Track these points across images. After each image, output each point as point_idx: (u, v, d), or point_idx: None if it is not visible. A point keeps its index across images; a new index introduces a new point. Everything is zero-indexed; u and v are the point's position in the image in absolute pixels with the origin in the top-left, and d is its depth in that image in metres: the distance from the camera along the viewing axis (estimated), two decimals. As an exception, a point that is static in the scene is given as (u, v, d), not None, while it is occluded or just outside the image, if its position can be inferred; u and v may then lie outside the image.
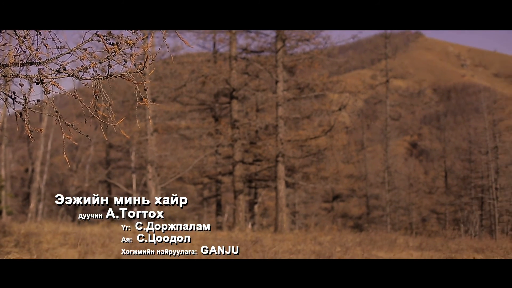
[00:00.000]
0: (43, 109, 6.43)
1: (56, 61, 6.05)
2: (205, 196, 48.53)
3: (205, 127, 35.92)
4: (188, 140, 37.97)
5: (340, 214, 57.26)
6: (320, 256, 14.25)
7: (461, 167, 53.43)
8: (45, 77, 5.97)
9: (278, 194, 33.98)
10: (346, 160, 47.97)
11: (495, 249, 19.99)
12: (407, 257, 16.66)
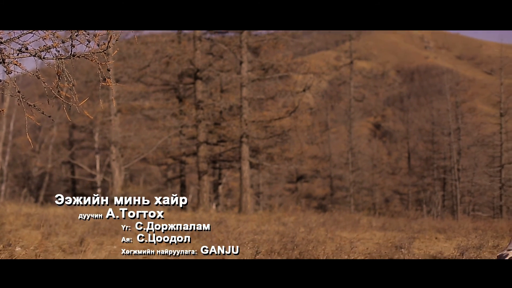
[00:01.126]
0: (5, 89, 6.35)
1: (18, 40, 5.98)
2: (169, 177, 48.41)
3: (169, 107, 35.76)
4: (152, 121, 37.80)
5: (304, 195, 57.46)
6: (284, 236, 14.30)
7: (424, 148, 53.90)
8: (6, 56, 5.90)
9: (242, 175, 34.00)
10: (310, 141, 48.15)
11: (457, 229, 20.22)
12: (370, 237, 16.78)
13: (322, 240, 14.04)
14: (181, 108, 35.02)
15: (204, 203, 34.24)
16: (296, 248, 11.87)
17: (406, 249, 12.38)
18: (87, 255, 10.60)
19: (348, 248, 12.38)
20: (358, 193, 53.11)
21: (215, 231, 14.54)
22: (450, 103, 49.77)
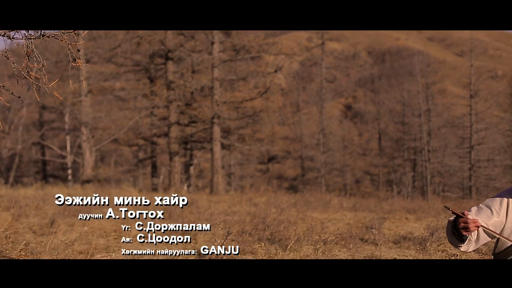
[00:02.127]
0: (-27, 70, 6.29)
1: (-13, 20, 5.91)
2: (140, 157, 48.27)
3: (140, 88, 35.57)
4: (123, 102, 37.60)
5: (276, 176, 57.58)
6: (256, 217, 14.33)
7: (395, 130, 54.23)
8: (-25, 36, 5.83)
9: (214, 156, 34.00)
10: (281, 122, 48.19)
11: (427, 210, 20.38)
12: (341, 217, 16.86)
13: (293, 220, 14.09)
14: (152, 88, 34.85)
15: (176, 184, 34.20)
16: (267, 229, 11.91)
17: (376, 230, 12.46)
18: (58, 236, 10.56)
19: (319, 228, 12.43)
20: (329, 174, 53.31)
21: (187, 212, 14.53)
22: (421, 85, 50.07)
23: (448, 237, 4.77)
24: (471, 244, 4.67)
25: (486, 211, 4.74)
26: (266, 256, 9.68)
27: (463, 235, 4.48)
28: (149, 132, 39.62)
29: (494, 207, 4.76)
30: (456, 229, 4.46)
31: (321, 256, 9.93)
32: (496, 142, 49.74)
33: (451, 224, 4.60)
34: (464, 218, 4.33)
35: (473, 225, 4.33)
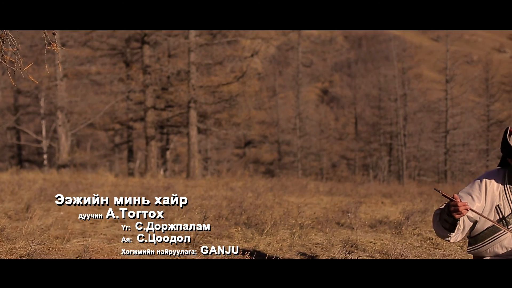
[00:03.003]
0: None
1: (-40, 3, 5.84)
2: (116, 142, 48.09)
3: (116, 72, 35.38)
4: (98, 86, 37.42)
5: (252, 160, 57.56)
6: (232, 201, 14.33)
7: (371, 114, 54.35)
8: None
9: (190, 140, 33.94)
10: (258, 106, 48.12)
11: (403, 194, 20.50)
12: (318, 201, 16.91)
13: (270, 205, 14.11)
14: (128, 73, 34.68)
15: (152, 169, 34.14)
16: (244, 213, 11.92)
17: (352, 214, 12.52)
18: (33, 222, 10.51)
19: (296, 212, 12.46)
20: (305, 158, 53.39)
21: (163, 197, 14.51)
22: (397, 69, 50.22)
23: (436, 228, 4.81)
24: (459, 234, 4.73)
25: (467, 198, 4.79)
26: (242, 240, 9.70)
27: (455, 219, 4.52)
28: (125, 117, 39.46)
29: (474, 193, 4.81)
30: (449, 214, 4.50)
31: (297, 240, 9.96)
32: (471, 126, 50.10)
33: (444, 211, 4.64)
34: (454, 201, 4.37)
35: (463, 208, 4.38)
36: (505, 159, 4.87)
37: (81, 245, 8.29)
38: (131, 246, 9.08)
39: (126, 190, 16.12)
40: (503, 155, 4.87)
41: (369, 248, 9.53)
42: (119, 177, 26.72)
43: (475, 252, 4.86)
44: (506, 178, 4.80)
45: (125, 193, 15.23)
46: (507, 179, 4.80)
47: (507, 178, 4.80)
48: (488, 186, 4.78)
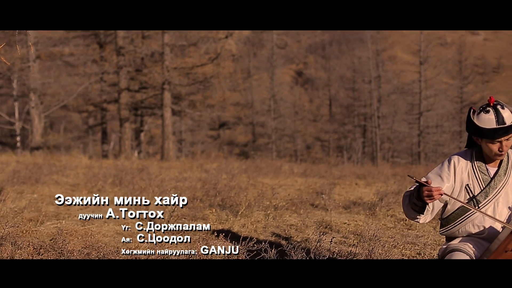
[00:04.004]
0: None
1: None
2: (90, 124, 47.87)
3: (89, 53, 35.12)
4: (72, 67, 37.13)
5: (227, 142, 57.56)
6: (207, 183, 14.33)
7: (345, 96, 54.48)
8: None
9: (164, 122, 33.86)
10: (232, 88, 48.03)
11: (376, 175, 20.60)
12: (292, 183, 16.95)
13: (244, 186, 14.12)
14: (102, 54, 34.44)
15: (126, 151, 34.02)
16: (218, 195, 11.92)
17: (326, 195, 12.56)
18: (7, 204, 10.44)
19: (270, 194, 12.49)
20: (280, 140, 53.46)
21: (137, 179, 14.48)
22: (371, 51, 50.33)
23: (406, 210, 4.85)
24: (428, 215, 4.78)
25: (436, 178, 4.83)
26: (217, 222, 9.70)
27: (426, 204, 4.56)
28: (99, 98, 39.25)
29: (443, 173, 4.86)
30: (419, 199, 4.53)
31: (272, 221, 9.99)
32: (445, 108, 50.40)
33: (413, 195, 4.67)
34: (428, 186, 4.40)
35: (437, 193, 4.41)
36: (471, 138, 4.93)
37: (55, 227, 8.26)
38: (106, 227, 9.07)
39: (100, 172, 16.05)
40: (469, 135, 4.94)
41: (343, 229, 9.58)
42: (93, 159, 26.60)
43: (448, 233, 4.91)
44: (474, 157, 4.87)
45: (99, 176, 15.17)
46: (474, 158, 4.87)
47: (475, 158, 4.87)
48: (456, 166, 4.84)
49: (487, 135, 4.64)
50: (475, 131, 4.74)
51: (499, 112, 4.66)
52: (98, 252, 6.43)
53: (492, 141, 4.66)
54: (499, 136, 4.62)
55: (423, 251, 8.21)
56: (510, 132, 4.65)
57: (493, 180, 4.80)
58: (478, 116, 4.72)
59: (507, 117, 4.64)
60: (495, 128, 4.61)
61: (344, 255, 7.62)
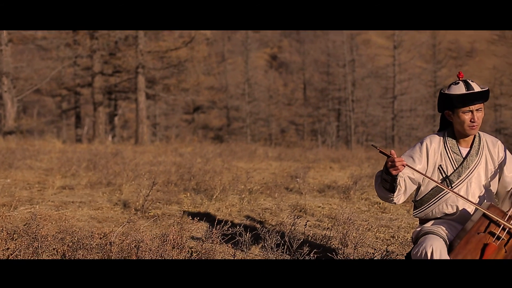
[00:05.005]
0: None
1: None
2: (63, 108, 47.59)
3: (62, 37, 34.80)
4: (45, 51, 36.85)
5: (201, 126, 57.51)
6: (181, 167, 14.32)
7: (320, 80, 54.55)
8: None
9: (139, 106, 33.73)
10: (206, 71, 47.93)
11: (351, 159, 20.67)
12: (266, 167, 16.97)
13: (219, 170, 14.13)
14: (75, 38, 34.17)
15: (100, 135, 33.87)
16: (193, 179, 11.92)
17: (301, 179, 12.59)
18: (-21, 189, 10.38)
19: (245, 178, 12.49)
20: (254, 124, 53.52)
21: (111, 163, 14.43)
22: (345, 35, 50.38)
23: (377, 190, 4.87)
24: (401, 195, 4.81)
25: (408, 160, 4.87)
26: (191, 206, 9.70)
27: (394, 177, 4.57)
28: (72, 82, 39.03)
29: (415, 155, 4.90)
30: (386, 172, 4.54)
31: (246, 205, 10.00)
32: (419, 92, 50.71)
33: (382, 173, 4.69)
34: (391, 157, 4.43)
35: (400, 163, 4.43)
36: (444, 120, 4.98)
37: (29, 212, 8.22)
38: (80, 212, 9.04)
39: (74, 157, 15.98)
40: (442, 115, 4.99)
41: (318, 213, 9.61)
42: (67, 144, 26.48)
43: (421, 214, 4.94)
44: (446, 138, 4.91)
45: (73, 160, 15.10)
46: (447, 139, 4.91)
47: (447, 138, 4.91)
48: (429, 148, 4.89)
49: (458, 101, 4.69)
50: (446, 102, 4.78)
51: (468, 83, 4.75)
52: (72, 237, 6.39)
53: (463, 110, 4.70)
54: (470, 102, 4.68)
55: (396, 234, 8.26)
56: (480, 100, 4.72)
57: (466, 160, 4.85)
58: (449, 89, 4.80)
59: (476, 87, 4.72)
60: (465, 93, 4.68)
61: (318, 239, 7.65)
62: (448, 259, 4.38)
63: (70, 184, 11.62)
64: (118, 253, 5.87)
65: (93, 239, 6.34)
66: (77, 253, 6.14)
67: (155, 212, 9.19)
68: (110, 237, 6.47)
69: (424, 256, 4.39)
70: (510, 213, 4.50)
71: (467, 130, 4.79)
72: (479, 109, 4.73)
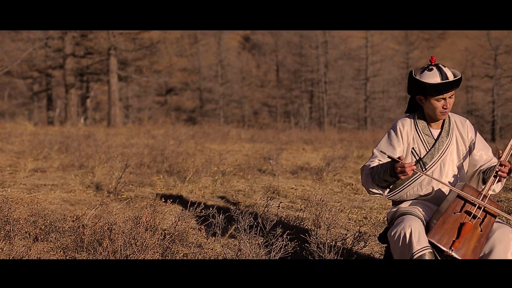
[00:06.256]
0: None
1: None
2: (35, 90, 47.16)
3: (33, 19, 34.49)
4: (15, 32, 36.48)
5: (174, 108, 57.28)
6: (154, 149, 14.28)
7: (292, 61, 54.44)
8: None
9: (111, 88, 33.56)
10: (179, 53, 47.79)
11: (323, 140, 20.75)
12: (240, 149, 16.99)
13: (192, 152, 14.13)
14: (46, 19, 33.83)
15: (72, 117, 33.67)
16: (165, 161, 11.90)
17: (274, 160, 12.62)
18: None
19: (217, 160, 12.51)
20: (227, 106, 53.42)
21: (84, 145, 14.36)
22: (318, 16, 50.25)
23: (370, 187, 4.86)
24: (387, 189, 4.86)
25: (389, 149, 4.89)
26: (164, 188, 9.69)
27: (397, 179, 4.60)
28: (43, 64, 38.70)
29: (393, 141, 4.92)
30: (393, 175, 4.56)
31: (219, 187, 10.01)
32: (391, 74, 50.83)
33: (382, 172, 4.68)
34: (401, 162, 4.44)
35: (410, 169, 4.45)
36: (413, 102, 5.01)
37: (0, 195, 8.16)
38: (52, 195, 9.00)
39: (45, 139, 15.87)
40: (411, 98, 5.02)
41: (291, 194, 9.65)
42: (38, 126, 26.29)
43: (396, 196, 4.96)
44: (417, 121, 4.95)
45: (45, 143, 15.00)
46: (417, 122, 4.95)
47: (418, 121, 4.95)
48: (402, 131, 4.93)
49: (433, 90, 4.72)
50: (419, 89, 4.81)
51: (442, 69, 4.78)
52: (44, 220, 6.36)
53: (437, 97, 4.74)
54: (445, 91, 4.71)
55: (369, 215, 8.31)
56: (454, 88, 4.77)
57: (437, 142, 4.89)
58: (422, 74, 4.80)
59: (450, 74, 4.76)
60: (440, 83, 4.71)
61: (291, 220, 7.68)
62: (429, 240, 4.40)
63: (42, 167, 11.56)
64: (90, 235, 5.85)
65: (66, 222, 6.32)
66: (49, 236, 6.13)
67: (128, 194, 9.17)
68: (82, 219, 6.44)
69: (402, 236, 4.41)
70: (484, 192, 4.55)
71: (439, 115, 4.83)
72: (451, 96, 4.78)
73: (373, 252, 6.44)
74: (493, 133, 42.59)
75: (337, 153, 14.67)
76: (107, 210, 7.37)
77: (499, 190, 4.83)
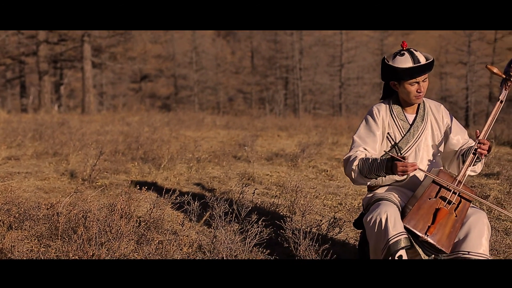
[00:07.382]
0: None
1: None
2: (8, 77, 46.74)
3: (5, 5, 34.19)
4: (-13, 19, 36.14)
5: (148, 95, 57.12)
6: (129, 136, 14.23)
7: (267, 48, 54.35)
8: None
9: (85, 75, 33.37)
10: (153, 40, 47.54)
11: (298, 127, 20.76)
12: (214, 135, 16.97)
13: (167, 139, 14.09)
14: (19, 5, 33.56)
15: (46, 104, 33.46)
16: (140, 148, 11.87)
17: (249, 147, 12.63)
18: None
19: (192, 147, 12.49)
20: (202, 92, 53.33)
21: (58, 133, 14.28)
22: (293, 3, 50.23)
23: (357, 179, 4.86)
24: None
25: (369, 136, 4.90)
26: (139, 176, 9.67)
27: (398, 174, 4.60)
28: (16, 51, 38.37)
29: (372, 128, 4.93)
30: (391, 173, 4.56)
31: (194, 174, 10.00)
32: (365, 60, 50.94)
33: (377, 169, 4.68)
34: (403, 162, 4.44)
35: (412, 169, 4.45)
36: (388, 88, 5.03)
37: (-26, 183, 8.10)
38: (26, 183, 8.95)
39: (19, 127, 15.76)
40: (385, 84, 5.03)
41: (266, 181, 9.66)
42: (12, 114, 26.10)
43: (371, 182, 4.97)
44: (391, 106, 4.97)
45: (19, 130, 14.90)
46: (392, 107, 4.97)
47: (392, 106, 4.97)
48: (378, 116, 4.95)
49: (406, 75, 4.76)
50: (392, 74, 4.83)
51: (413, 53, 4.81)
52: (18, 208, 6.32)
53: (410, 82, 4.77)
54: (417, 75, 4.75)
55: (344, 201, 8.35)
56: (427, 71, 4.81)
57: (412, 127, 4.92)
58: (394, 60, 4.84)
59: (422, 58, 4.80)
60: (412, 67, 4.75)
61: (267, 206, 7.70)
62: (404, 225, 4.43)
63: (15, 155, 11.48)
64: (65, 223, 5.82)
65: (40, 210, 6.28)
66: (23, 224, 6.09)
67: (102, 181, 9.14)
68: (57, 207, 6.41)
69: (378, 222, 4.43)
70: (459, 178, 4.59)
71: (413, 99, 4.86)
72: (425, 79, 4.81)
73: (348, 238, 6.47)
74: (467, 119, 42.94)
75: (312, 140, 14.71)
76: (81, 198, 7.35)
77: (480, 170, 4.88)
